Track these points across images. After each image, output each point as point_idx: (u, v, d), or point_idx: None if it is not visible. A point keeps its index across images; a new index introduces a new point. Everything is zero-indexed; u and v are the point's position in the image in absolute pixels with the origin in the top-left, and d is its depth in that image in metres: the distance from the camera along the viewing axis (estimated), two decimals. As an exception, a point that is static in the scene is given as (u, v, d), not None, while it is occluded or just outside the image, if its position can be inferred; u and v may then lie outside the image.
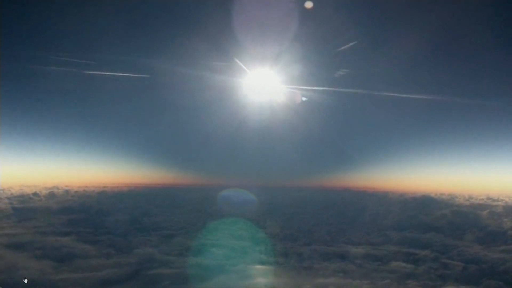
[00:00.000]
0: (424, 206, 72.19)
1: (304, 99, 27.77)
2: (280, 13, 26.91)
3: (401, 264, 34.28)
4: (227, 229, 46.30)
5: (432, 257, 36.95)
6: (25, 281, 25.22)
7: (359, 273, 31.16)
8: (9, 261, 30.72)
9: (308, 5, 25.20)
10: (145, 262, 32.82)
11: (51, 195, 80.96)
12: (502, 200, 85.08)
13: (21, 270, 28.72)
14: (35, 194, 79.01)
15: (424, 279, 29.31)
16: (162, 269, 30.94)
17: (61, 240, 40.79)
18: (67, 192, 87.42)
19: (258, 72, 26.09)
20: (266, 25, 27.97)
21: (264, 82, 26.67)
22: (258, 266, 32.58)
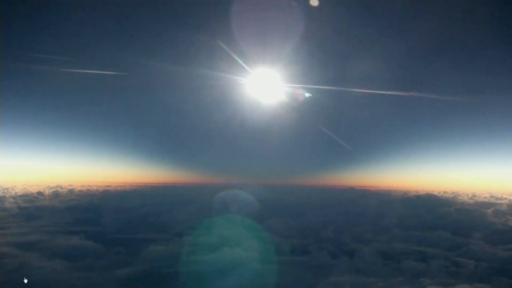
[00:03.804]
0: (428, 204, 72.44)
1: (307, 96, 27.64)
2: (282, 11, 26.91)
3: (412, 262, 34.39)
4: (235, 227, 46.30)
5: (442, 255, 37.10)
6: (25, 281, 25.19)
7: (372, 271, 31.23)
8: (21, 261, 30.70)
9: (313, 2, 25.18)
10: (157, 261, 32.82)
11: (56, 194, 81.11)
12: (506, 198, 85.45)
13: (34, 269, 28.75)
14: (39, 193, 79.16)
15: (437, 277, 29.38)
16: (175, 268, 30.90)
17: (70, 239, 40.88)
18: (71, 191, 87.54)
19: (260, 71, 26.01)
20: (268, 24, 27.98)
21: (267, 81, 26.57)
22: (270, 264, 32.57)
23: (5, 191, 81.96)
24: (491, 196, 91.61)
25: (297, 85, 27.07)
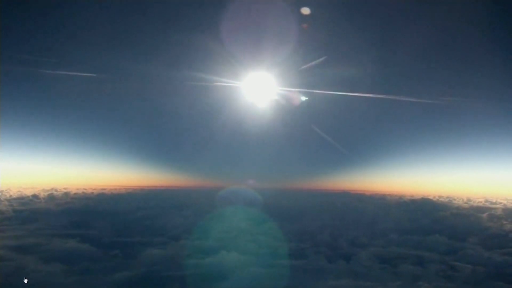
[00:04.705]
0: (423, 208, 72.74)
1: (302, 100, 27.74)
2: (277, 15, 27.05)
3: (409, 266, 34.41)
4: (231, 231, 46.24)
5: (439, 259, 37.17)
6: (25, 281, 25.00)
7: (369, 275, 31.24)
8: (17, 264, 30.43)
9: (305, 11, 25.33)
10: (154, 264, 32.68)
11: (51, 197, 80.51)
12: (501, 203, 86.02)
13: (30, 272, 28.47)
14: (34, 196, 78.58)
15: (435, 282, 29.46)
16: (172, 271, 30.80)
17: (66, 242, 40.45)
18: (66, 194, 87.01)
19: (256, 74, 26.16)
20: (263, 27, 28.13)
21: (262, 85, 26.70)
22: (267, 268, 32.51)
23: (0, 193, 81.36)
24: (486, 201, 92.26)
25: (292, 89, 27.16)
